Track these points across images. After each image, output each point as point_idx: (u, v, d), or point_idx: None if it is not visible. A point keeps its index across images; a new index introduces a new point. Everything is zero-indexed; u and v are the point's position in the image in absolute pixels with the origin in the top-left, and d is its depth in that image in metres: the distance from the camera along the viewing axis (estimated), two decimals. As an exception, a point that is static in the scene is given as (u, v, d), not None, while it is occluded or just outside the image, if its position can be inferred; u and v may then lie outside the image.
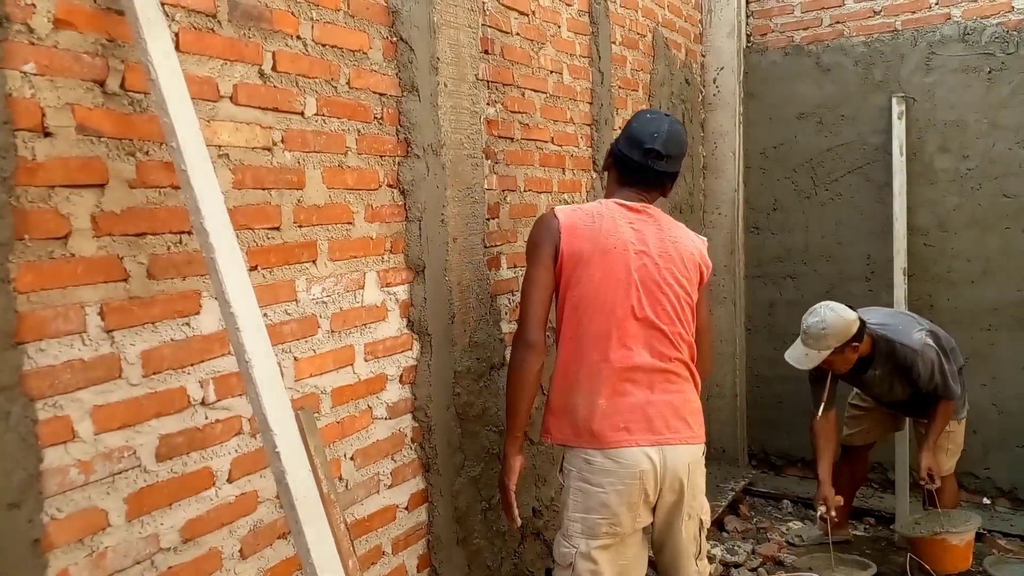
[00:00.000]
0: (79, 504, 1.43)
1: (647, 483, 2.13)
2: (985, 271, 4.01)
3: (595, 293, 2.16)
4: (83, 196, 1.43)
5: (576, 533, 2.15)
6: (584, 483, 2.15)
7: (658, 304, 2.19)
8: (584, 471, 2.15)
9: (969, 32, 3.98)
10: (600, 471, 2.13)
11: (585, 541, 2.14)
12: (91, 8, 1.44)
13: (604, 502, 2.12)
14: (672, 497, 2.19)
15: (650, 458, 2.12)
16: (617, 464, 2.12)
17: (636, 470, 2.11)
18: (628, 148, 2.30)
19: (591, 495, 2.14)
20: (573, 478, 2.18)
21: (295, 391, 1.89)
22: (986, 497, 4.10)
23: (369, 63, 2.11)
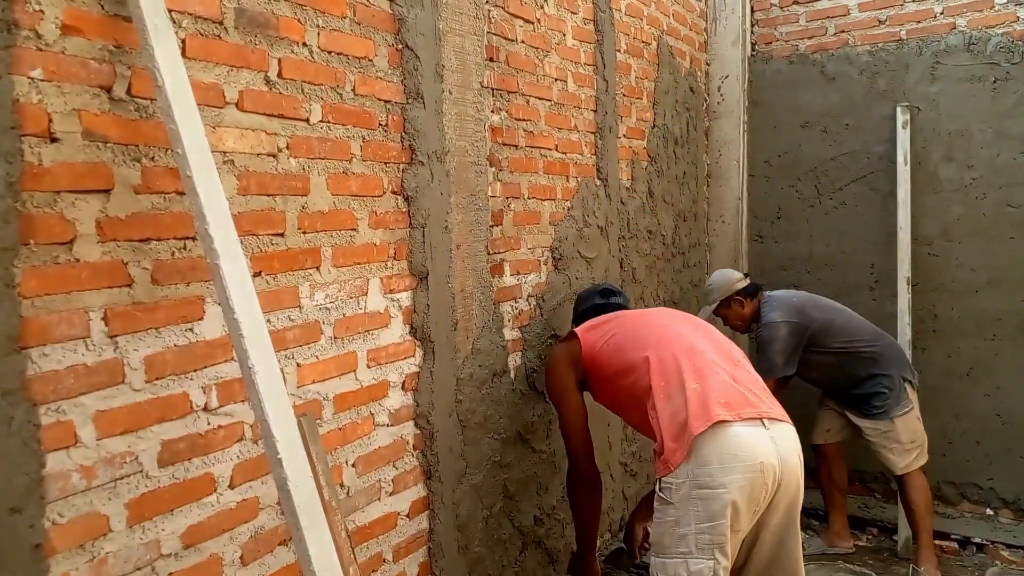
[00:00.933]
0: (80, 509, 1.43)
1: (767, 478, 2.02)
2: (989, 281, 4.00)
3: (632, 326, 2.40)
4: (88, 201, 1.44)
5: (707, 544, 2.00)
6: (701, 489, 2.01)
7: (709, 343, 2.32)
8: (700, 477, 2.01)
9: (974, 42, 3.98)
10: (719, 470, 2.00)
11: (720, 550, 2.00)
12: (99, 14, 1.45)
13: (730, 503, 1.99)
14: (788, 499, 2.08)
15: (765, 446, 2.02)
16: (735, 457, 2.00)
17: (756, 461, 2.00)
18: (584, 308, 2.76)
19: (712, 500, 2.00)
20: (687, 489, 2.03)
21: (297, 397, 1.89)
22: (989, 508, 4.08)
23: (374, 70, 2.11)
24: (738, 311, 3.57)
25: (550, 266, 2.98)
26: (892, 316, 3.94)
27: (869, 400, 3.49)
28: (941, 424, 4.11)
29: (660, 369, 2.20)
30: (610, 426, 3.37)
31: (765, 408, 2.12)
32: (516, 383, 2.77)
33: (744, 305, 3.55)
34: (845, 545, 3.80)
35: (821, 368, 3.52)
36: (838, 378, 3.54)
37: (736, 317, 3.59)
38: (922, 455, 3.53)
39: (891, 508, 3.96)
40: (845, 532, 3.83)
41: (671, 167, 4.04)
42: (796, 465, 2.10)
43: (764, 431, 2.06)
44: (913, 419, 3.51)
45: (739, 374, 2.22)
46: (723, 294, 3.55)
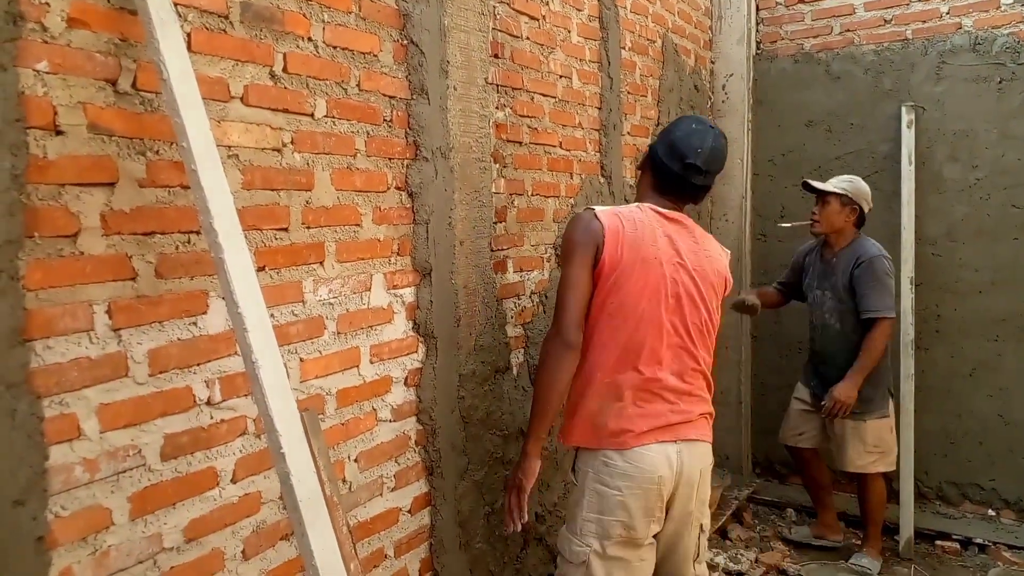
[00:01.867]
0: (83, 502, 1.43)
1: (664, 489, 2.14)
2: (993, 281, 3.99)
3: (632, 302, 2.16)
4: (93, 195, 1.44)
5: (589, 533, 2.15)
6: (601, 485, 2.14)
7: (690, 320, 2.21)
8: (602, 473, 2.14)
9: (980, 42, 3.97)
10: (619, 474, 2.12)
11: (599, 541, 2.13)
12: (104, 7, 1.45)
13: (621, 504, 2.12)
14: (684, 506, 2.20)
15: (668, 461, 2.13)
16: (637, 468, 2.12)
17: (655, 475, 2.12)
18: (668, 158, 2.25)
19: (607, 497, 2.13)
20: (589, 479, 2.17)
21: (300, 392, 1.89)
22: (991, 509, 4.08)
23: (379, 65, 2.11)
24: (842, 214, 3.50)
25: (554, 263, 2.98)
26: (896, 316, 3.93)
27: None
28: (943, 424, 4.12)
29: (616, 362, 2.16)
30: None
31: (684, 432, 2.19)
32: (519, 380, 2.77)
33: (849, 218, 3.51)
34: (835, 538, 3.81)
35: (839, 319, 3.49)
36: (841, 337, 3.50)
37: (834, 215, 3.50)
38: (881, 463, 3.54)
39: (892, 508, 3.95)
40: (836, 526, 3.84)
41: (675, 165, 4.03)
42: (694, 479, 2.20)
43: (673, 447, 2.16)
44: (886, 427, 3.52)
45: (688, 378, 2.22)
46: (855, 198, 3.50)
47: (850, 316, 3.47)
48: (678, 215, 2.29)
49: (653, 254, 2.17)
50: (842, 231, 3.55)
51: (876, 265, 3.42)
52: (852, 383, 3.37)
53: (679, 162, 2.23)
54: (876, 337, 3.38)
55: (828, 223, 3.54)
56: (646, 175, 2.37)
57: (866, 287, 3.40)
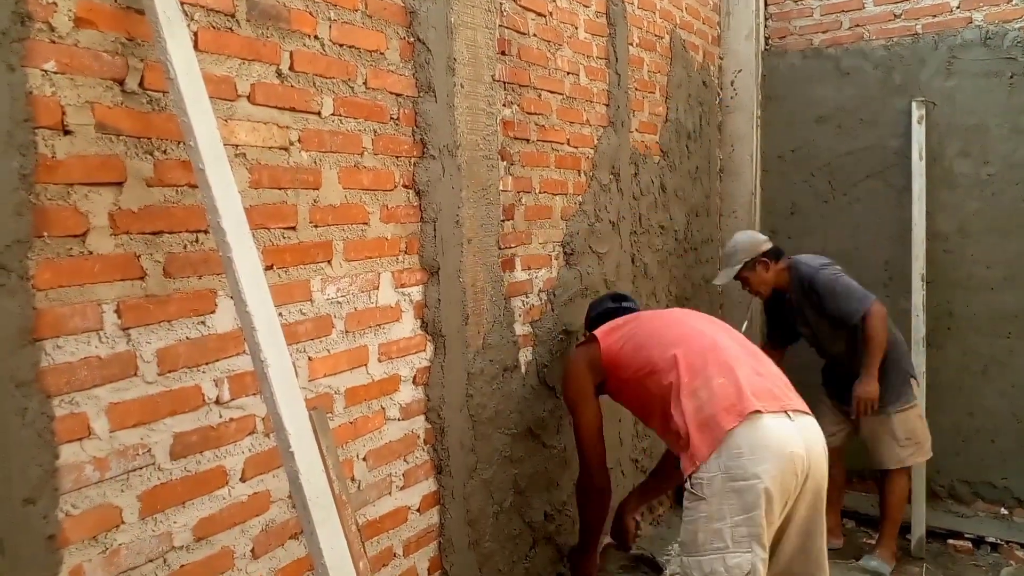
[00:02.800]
0: (94, 501, 1.43)
1: (798, 468, 2.03)
2: (1005, 278, 3.96)
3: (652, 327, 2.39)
4: (101, 194, 1.44)
5: (745, 538, 2.00)
6: (735, 481, 2.01)
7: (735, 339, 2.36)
8: (734, 468, 2.01)
9: (991, 36, 3.94)
10: (750, 460, 2.00)
11: (757, 542, 2.00)
12: (111, 7, 1.45)
13: (764, 492, 1.99)
14: (813, 491, 2.09)
15: (793, 437, 2.04)
16: (766, 448, 2.00)
17: (787, 451, 2.02)
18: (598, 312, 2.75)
19: (747, 490, 2.00)
20: (718, 483, 2.03)
21: (309, 391, 1.89)
22: (1004, 507, 4.05)
23: (386, 63, 2.11)
24: (761, 274, 3.47)
25: (561, 261, 2.97)
26: (906, 313, 3.90)
27: None
28: (955, 422, 4.09)
29: (684, 365, 2.20)
30: (621, 422, 3.36)
31: (789, 401, 2.14)
32: (527, 378, 2.77)
33: (768, 268, 3.47)
34: (835, 542, 3.77)
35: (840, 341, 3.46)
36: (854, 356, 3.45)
37: (759, 281, 3.48)
38: (919, 453, 3.50)
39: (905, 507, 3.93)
40: (837, 529, 3.80)
41: (683, 162, 4.02)
42: (822, 456, 2.12)
43: (790, 422, 2.08)
44: (914, 416, 3.48)
45: (762, 368, 2.24)
46: (748, 255, 3.46)
47: (840, 333, 3.45)
48: None
49: (656, 312, 2.49)
50: (776, 280, 3.51)
51: (819, 281, 3.40)
52: (869, 377, 3.34)
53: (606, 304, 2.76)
54: (869, 327, 3.34)
55: (764, 288, 3.52)
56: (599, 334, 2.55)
57: (830, 302, 3.38)
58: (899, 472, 3.52)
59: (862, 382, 3.35)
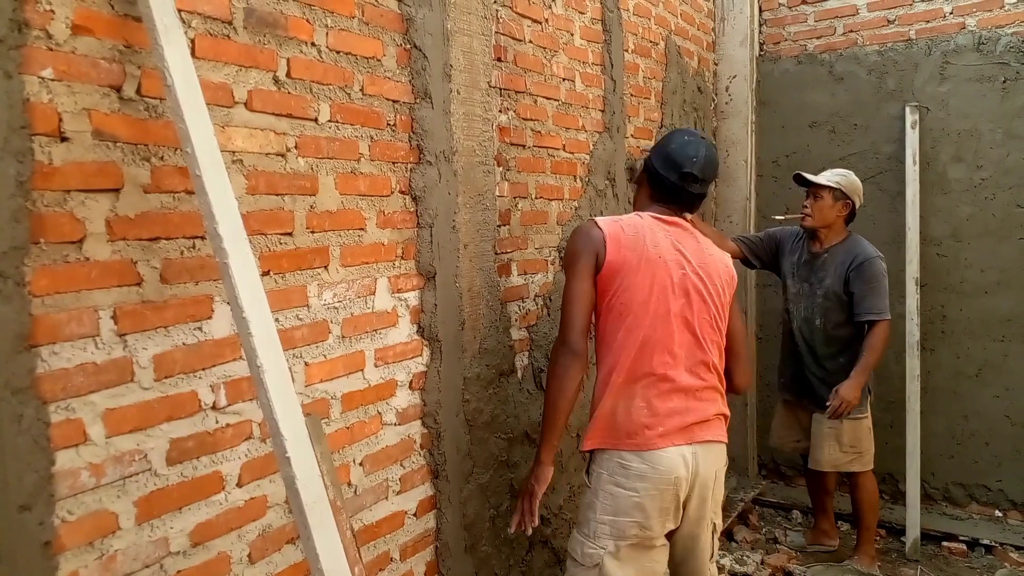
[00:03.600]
0: (90, 507, 1.43)
1: (680, 490, 2.16)
2: (999, 282, 3.99)
3: (642, 300, 2.19)
4: (98, 200, 1.44)
5: (604, 535, 2.16)
6: (616, 486, 2.15)
7: (700, 312, 2.23)
8: (617, 474, 2.15)
9: (984, 42, 3.97)
10: (635, 475, 2.13)
11: (614, 542, 2.15)
12: (109, 14, 1.45)
13: (637, 505, 2.13)
14: (699, 507, 2.22)
15: (685, 463, 2.15)
16: (654, 469, 2.13)
17: (671, 476, 2.13)
18: (665, 169, 2.32)
19: (622, 498, 2.14)
20: (604, 481, 2.18)
21: (305, 396, 1.90)
22: (998, 510, 4.07)
23: (383, 70, 2.12)
24: (832, 209, 3.43)
25: (557, 266, 2.98)
26: (900, 317, 3.93)
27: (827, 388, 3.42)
28: (949, 425, 4.11)
29: (628, 361, 2.17)
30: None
31: (699, 433, 2.20)
32: (523, 383, 2.77)
33: (841, 212, 3.44)
34: (830, 543, 3.80)
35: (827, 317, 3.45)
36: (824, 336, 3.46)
37: (826, 210, 3.43)
38: (858, 463, 3.50)
39: (899, 509, 3.96)
40: (832, 531, 3.83)
41: (679, 167, 4.03)
42: (710, 480, 2.22)
43: (688, 449, 2.17)
44: (863, 427, 3.49)
45: (702, 374, 2.23)
46: (847, 191, 3.43)
47: (836, 315, 3.42)
48: (678, 219, 2.33)
49: (656, 253, 2.21)
50: (832, 226, 3.48)
51: (875, 267, 3.37)
52: (857, 382, 3.34)
53: (676, 172, 2.31)
54: (878, 338, 3.34)
55: (820, 217, 3.46)
56: (643, 188, 2.44)
57: (865, 288, 3.35)
58: (865, 478, 3.54)
59: (850, 385, 3.33)
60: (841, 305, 3.41)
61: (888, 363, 3.89)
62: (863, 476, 3.53)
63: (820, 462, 3.52)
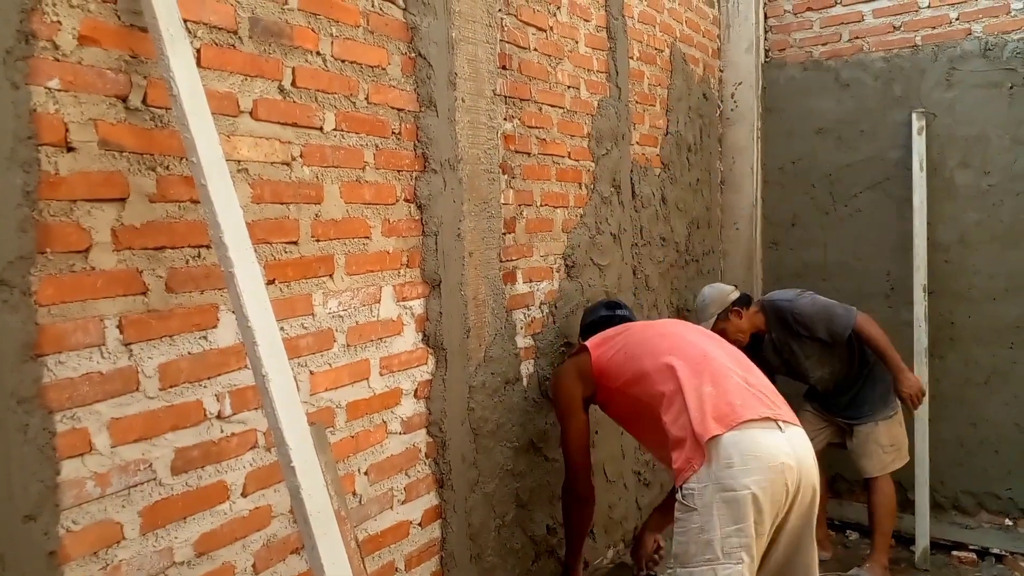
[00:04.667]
0: (95, 517, 1.43)
1: (788, 478, 2.02)
2: (1007, 288, 3.96)
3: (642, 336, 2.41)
4: (104, 210, 1.45)
5: (735, 548, 1.98)
6: (726, 491, 2.00)
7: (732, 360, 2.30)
8: (725, 477, 2.00)
9: (990, 47, 3.95)
10: (742, 471, 1.99)
11: (747, 552, 1.99)
12: (115, 25, 1.46)
13: (753, 500, 1.98)
14: (804, 503, 2.09)
15: (783, 449, 2.03)
16: (756, 458, 2.00)
17: (777, 462, 2.01)
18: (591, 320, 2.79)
19: (737, 501, 1.99)
20: (709, 493, 2.02)
21: (310, 405, 1.89)
22: (1008, 518, 4.03)
23: (387, 79, 2.12)
24: (736, 323, 3.44)
25: (563, 273, 2.98)
26: (908, 324, 3.91)
27: (858, 402, 3.46)
28: (959, 433, 4.07)
29: (673, 375, 2.20)
30: (623, 435, 3.35)
31: (779, 411, 2.13)
32: (528, 391, 2.76)
33: (741, 316, 3.45)
34: (823, 554, 3.74)
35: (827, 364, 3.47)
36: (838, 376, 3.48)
37: (736, 329, 3.43)
38: (899, 459, 3.52)
39: (908, 518, 3.92)
40: (826, 542, 3.76)
41: (684, 174, 4.03)
42: (812, 468, 2.11)
43: (780, 433, 2.07)
44: (896, 423, 3.51)
45: (752, 378, 2.24)
46: (719, 307, 3.44)
47: (826, 352, 3.44)
48: None
49: (649, 325, 2.49)
50: (755, 326, 3.49)
51: (800, 309, 3.40)
52: (901, 372, 3.34)
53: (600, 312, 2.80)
54: (865, 333, 3.34)
55: (742, 335, 3.44)
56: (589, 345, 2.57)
57: (818, 325, 3.37)
58: (884, 480, 3.52)
59: (899, 381, 3.34)
60: (824, 346, 3.43)
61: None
62: (881, 480, 3.51)
63: (869, 469, 3.51)
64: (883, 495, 3.53)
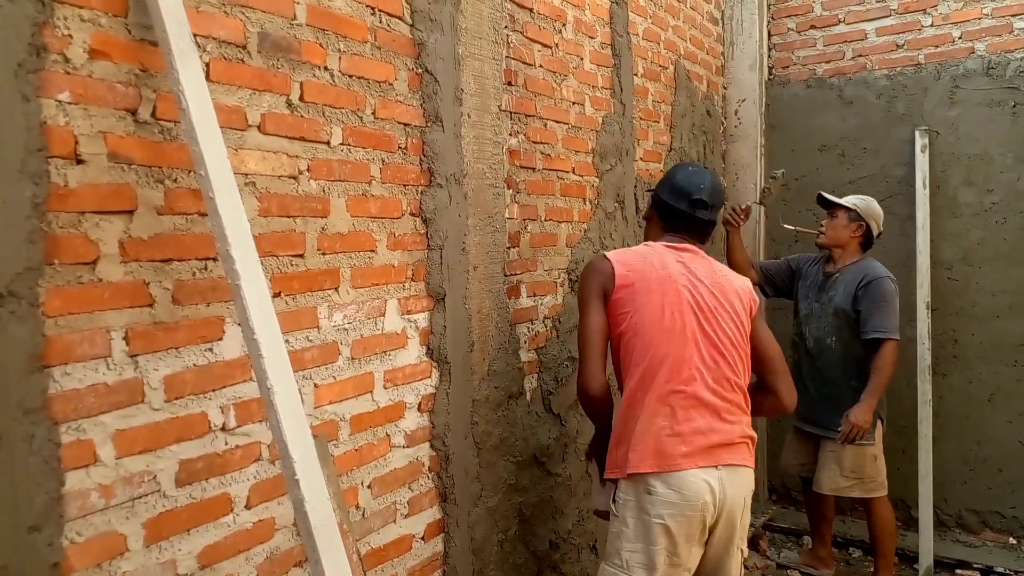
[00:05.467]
0: (99, 528, 1.43)
1: (707, 515, 2.12)
2: (1011, 306, 3.96)
3: (654, 319, 2.19)
4: (112, 222, 1.46)
5: (637, 564, 2.12)
6: (643, 513, 2.12)
7: (718, 330, 2.22)
8: (644, 501, 2.12)
9: (993, 66, 3.97)
10: (660, 502, 2.10)
11: (646, 572, 2.11)
12: (125, 39, 1.48)
13: (664, 531, 2.10)
14: (727, 533, 2.19)
15: (711, 488, 2.11)
16: (679, 495, 2.10)
17: (698, 502, 2.10)
18: (673, 199, 2.39)
19: (651, 525, 2.11)
20: (631, 508, 2.15)
21: (314, 418, 1.90)
22: (1012, 537, 4.01)
23: (394, 94, 2.14)
24: (848, 230, 3.48)
25: (566, 288, 2.98)
26: (911, 341, 3.90)
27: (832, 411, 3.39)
28: (962, 451, 4.06)
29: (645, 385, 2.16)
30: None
31: (725, 455, 2.16)
32: (532, 405, 2.76)
33: (855, 235, 3.48)
34: (826, 572, 3.73)
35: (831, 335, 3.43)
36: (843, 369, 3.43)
37: (840, 229, 3.49)
38: (858, 488, 3.43)
39: (911, 536, 3.90)
40: (829, 560, 3.75)
41: (688, 190, 4.03)
42: (738, 507, 2.19)
43: (715, 472, 2.14)
44: (867, 455, 3.39)
45: (726, 392, 2.20)
46: (864, 215, 3.48)
47: (847, 334, 3.39)
48: (688, 245, 2.36)
49: (666, 274, 2.23)
50: (846, 247, 3.50)
51: (883, 286, 3.35)
52: (867, 406, 3.29)
53: (685, 199, 2.37)
54: (885, 359, 3.30)
55: (833, 235, 3.51)
56: (653, 222, 2.49)
57: (872, 306, 3.33)
58: (879, 504, 3.47)
59: (860, 409, 3.29)
60: (850, 323, 3.39)
61: (900, 388, 3.85)
62: (877, 503, 3.47)
63: (820, 484, 3.47)
64: (879, 518, 3.48)
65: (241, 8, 1.70)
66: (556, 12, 2.89)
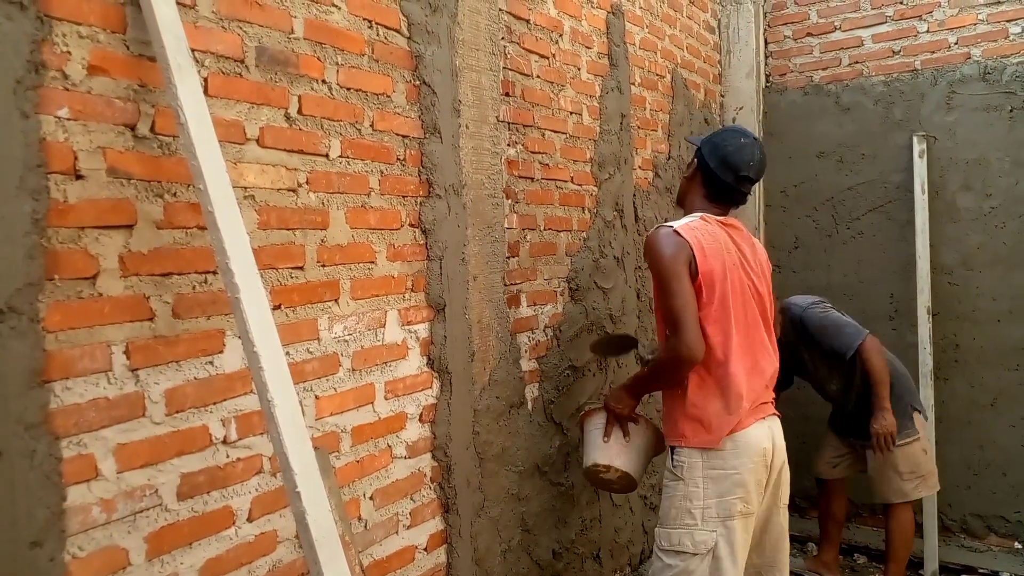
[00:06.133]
0: (100, 543, 1.43)
1: (767, 461, 2.31)
2: (1011, 310, 3.95)
3: (729, 306, 2.31)
4: (112, 237, 1.46)
5: (712, 517, 2.25)
6: (714, 469, 2.26)
7: (762, 307, 2.42)
8: (714, 459, 2.26)
9: (989, 71, 3.98)
10: (731, 456, 2.25)
11: (723, 523, 2.24)
12: (124, 55, 1.49)
13: (739, 481, 2.25)
14: (779, 478, 2.38)
15: (770, 435, 2.33)
16: (747, 446, 2.26)
17: (760, 448, 2.28)
18: (722, 171, 2.44)
19: (724, 478, 2.25)
20: (699, 469, 2.27)
21: (315, 430, 1.90)
22: (1017, 541, 3.99)
23: (392, 106, 2.15)
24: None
25: (567, 297, 2.99)
26: (912, 346, 3.90)
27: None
28: (966, 456, 4.05)
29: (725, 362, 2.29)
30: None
31: (768, 409, 2.39)
32: (534, 415, 2.76)
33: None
34: None
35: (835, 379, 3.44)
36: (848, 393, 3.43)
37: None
38: (923, 487, 3.43)
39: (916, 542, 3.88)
40: (834, 566, 3.72)
41: (687, 198, 4.04)
42: (783, 449, 2.41)
43: (765, 423, 2.35)
44: (917, 450, 3.40)
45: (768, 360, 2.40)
46: None
47: (836, 366, 3.41)
48: (732, 220, 2.49)
49: (732, 261, 2.35)
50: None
51: (808, 319, 3.40)
52: (882, 410, 3.28)
53: (733, 175, 2.44)
54: (868, 361, 3.30)
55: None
56: (696, 187, 2.53)
57: (823, 338, 3.36)
58: (902, 507, 3.44)
59: (876, 417, 3.28)
60: (829, 361, 3.41)
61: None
62: (899, 508, 3.43)
63: (886, 495, 3.44)
64: (898, 523, 3.45)
65: (239, 23, 1.71)
66: (553, 23, 2.91)
